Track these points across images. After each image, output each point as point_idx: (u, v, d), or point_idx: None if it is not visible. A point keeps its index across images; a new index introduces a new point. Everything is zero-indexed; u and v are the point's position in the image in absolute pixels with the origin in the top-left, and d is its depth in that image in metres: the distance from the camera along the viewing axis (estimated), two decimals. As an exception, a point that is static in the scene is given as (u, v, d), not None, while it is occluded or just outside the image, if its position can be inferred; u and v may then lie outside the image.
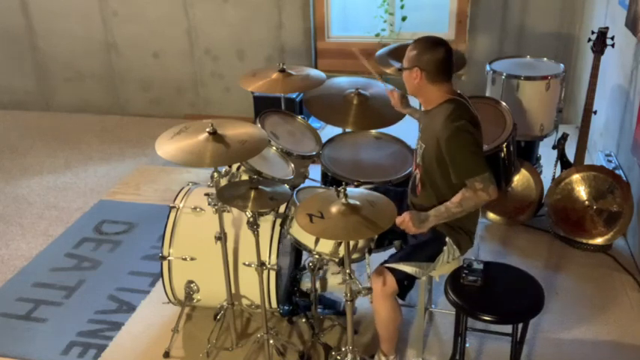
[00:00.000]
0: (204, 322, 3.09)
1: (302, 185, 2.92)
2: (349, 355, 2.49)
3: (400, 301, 2.60)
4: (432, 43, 2.45)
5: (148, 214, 4.12)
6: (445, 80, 2.47)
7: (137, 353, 2.97)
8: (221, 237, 2.67)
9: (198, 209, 2.90)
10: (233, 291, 2.85)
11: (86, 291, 3.44)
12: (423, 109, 2.61)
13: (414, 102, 3.21)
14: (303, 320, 3.04)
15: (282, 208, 2.81)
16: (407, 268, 2.49)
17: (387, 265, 2.51)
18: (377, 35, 5.18)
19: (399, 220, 2.42)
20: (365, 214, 2.17)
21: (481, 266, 2.46)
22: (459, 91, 2.52)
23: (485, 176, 2.35)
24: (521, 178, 3.72)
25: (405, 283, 2.52)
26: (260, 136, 2.62)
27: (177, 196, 3.02)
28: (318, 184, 3.10)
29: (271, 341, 2.76)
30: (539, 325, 3.01)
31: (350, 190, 2.25)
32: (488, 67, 3.84)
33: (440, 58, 2.43)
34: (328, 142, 3.26)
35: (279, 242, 2.80)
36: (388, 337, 2.64)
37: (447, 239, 2.55)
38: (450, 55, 2.46)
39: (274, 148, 3.00)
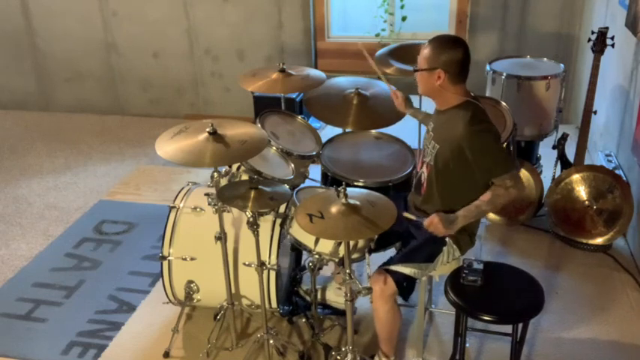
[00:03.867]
0: (204, 322, 3.09)
1: (302, 185, 2.92)
2: (349, 355, 2.49)
3: (401, 301, 2.60)
4: (451, 42, 2.42)
5: (148, 214, 4.12)
6: (464, 80, 2.46)
7: (137, 353, 2.97)
8: (221, 237, 2.67)
9: (198, 209, 2.90)
10: (233, 291, 2.85)
11: (86, 291, 3.44)
12: (436, 108, 2.58)
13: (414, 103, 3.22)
14: (303, 320, 3.04)
15: (282, 208, 2.81)
16: (405, 269, 2.49)
17: (385, 267, 2.51)
18: (377, 35, 5.18)
19: (427, 222, 2.41)
20: (365, 214, 2.17)
21: (481, 266, 2.46)
22: (472, 93, 2.51)
23: (514, 173, 2.37)
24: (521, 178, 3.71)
25: (405, 285, 2.52)
26: (260, 136, 2.62)
27: (177, 196, 3.02)
28: (318, 184, 3.10)
29: (271, 341, 2.76)
30: (539, 325, 3.02)
31: (350, 190, 2.25)
32: (488, 67, 3.84)
33: (461, 57, 2.40)
34: (328, 142, 3.26)
35: (279, 242, 2.80)
36: (388, 339, 2.63)
37: (447, 239, 2.55)
38: (468, 53, 2.43)
39: (274, 148, 3.00)
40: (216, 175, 2.57)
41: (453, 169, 2.45)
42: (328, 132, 3.65)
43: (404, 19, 5.10)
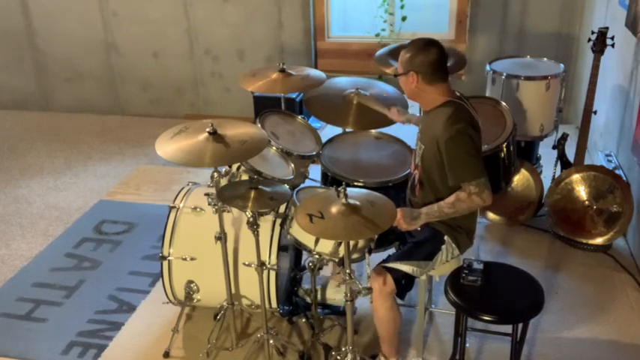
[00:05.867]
0: (204, 322, 3.09)
1: (302, 185, 2.92)
2: (349, 355, 2.49)
3: (400, 301, 2.60)
4: (423, 45, 2.45)
5: (148, 214, 4.12)
6: (442, 80, 2.47)
7: (137, 353, 2.97)
8: (221, 237, 2.67)
9: (198, 209, 2.90)
10: (233, 291, 2.85)
11: (86, 291, 3.44)
12: (422, 110, 2.61)
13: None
14: (303, 320, 3.04)
15: (282, 208, 2.81)
16: (404, 267, 2.50)
17: (384, 264, 2.52)
18: (377, 35, 5.18)
19: None
20: (365, 214, 2.17)
21: (481, 266, 2.47)
22: (457, 93, 2.52)
23: (480, 181, 2.36)
24: (521, 178, 3.72)
25: (403, 282, 2.52)
26: (260, 136, 2.62)
27: (177, 196, 3.02)
28: (318, 184, 3.10)
29: (271, 341, 2.76)
30: (539, 325, 3.02)
31: (350, 190, 2.25)
32: (488, 67, 3.84)
33: (433, 58, 2.43)
34: (328, 142, 3.26)
35: (279, 242, 2.80)
36: (388, 338, 2.64)
37: (446, 238, 2.56)
38: (443, 54, 2.46)
39: (274, 148, 3.00)
40: (216, 175, 2.57)
41: (437, 168, 2.47)
42: (328, 132, 3.65)
43: (404, 19, 5.10)
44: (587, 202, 3.51)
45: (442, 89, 2.47)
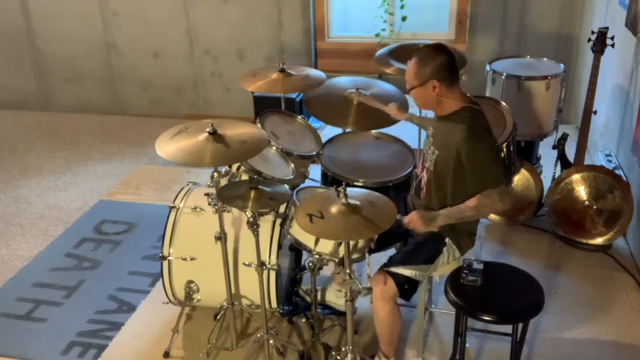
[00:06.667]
0: (204, 322, 3.09)
1: (302, 185, 2.92)
2: (349, 355, 2.49)
3: (401, 301, 2.60)
4: (433, 51, 2.44)
5: (148, 214, 4.12)
6: (457, 82, 2.47)
7: (137, 353, 2.97)
8: (221, 237, 2.67)
9: (198, 209, 2.90)
10: (233, 291, 2.85)
11: (86, 291, 3.44)
12: (435, 115, 2.57)
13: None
14: (303, 320, 3.04)
15: (282, 208, 2.81)
16: (406, 271, 2.49)
17: (385, 269, 2.51)
18: (377, 35, 5.18)
19: (406, 219, 2.43)
20: (365, 214, 2.17)
21: (481, 266, 2.46)
22: (468, 94, 2.51)
23: (502, 188, 2.38)
24: (521, 178, 3.72)
25: (406, 287, 2.52)
26: (260, 136, 2.62)
27: (177, 196, 3.02)
28: (318, 184, 3.10)
29: (271, 341, 2.76)
30: (539, 325, 3.02)
31: (350, 190, 2.25)
32: (488, 67, 3.84)
33: (446, 61, 2.41)
34: (328, 142, 3.26)
35: (279, 242, 2.80)
36: (388, 340, 2.63)
37: (447, 240, 2.55)
38: (452, 55, 2.45)
39: (274, 148, 3.00)
40: (216, 175, 2.57)
41: (452, 174, 2.45)
42: (328, 132, 3.65)
43: (404, 19, 5.10)
44: (587, 202, 3.51)
45: (458, 93, 2.47)
